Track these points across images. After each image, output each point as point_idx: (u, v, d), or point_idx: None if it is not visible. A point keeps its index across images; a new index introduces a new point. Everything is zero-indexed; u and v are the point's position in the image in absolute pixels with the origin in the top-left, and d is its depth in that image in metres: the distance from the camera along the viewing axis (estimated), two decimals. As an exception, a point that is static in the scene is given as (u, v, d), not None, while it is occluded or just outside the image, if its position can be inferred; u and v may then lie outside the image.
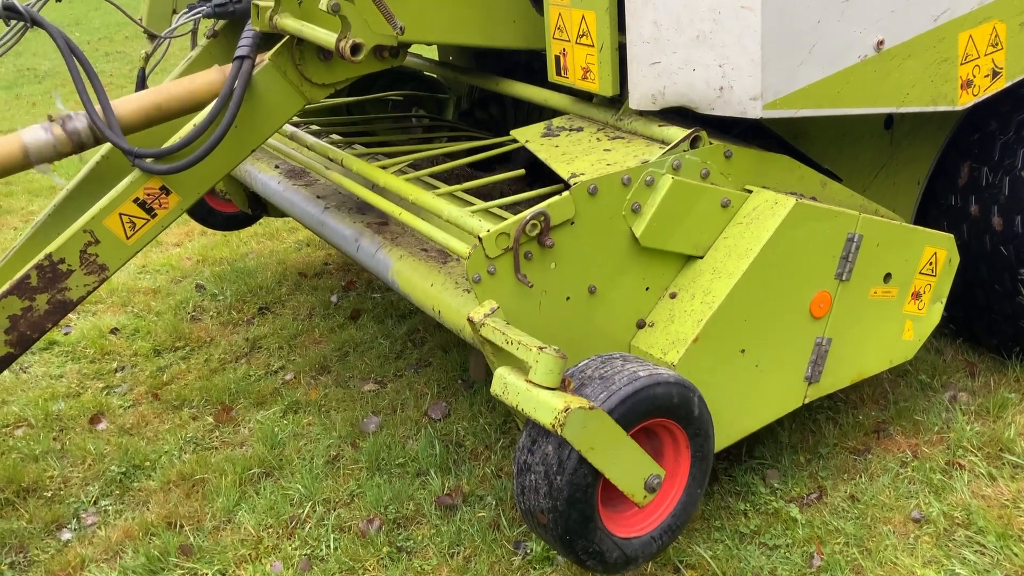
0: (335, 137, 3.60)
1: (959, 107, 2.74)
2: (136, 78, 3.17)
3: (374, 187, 2.86)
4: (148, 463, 3.08)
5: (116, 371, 3.79)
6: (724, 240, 2.44)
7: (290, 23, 2.49)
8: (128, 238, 2.74)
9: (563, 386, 2.04)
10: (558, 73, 2.72)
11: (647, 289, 2.44)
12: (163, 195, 2.74)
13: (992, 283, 3.12)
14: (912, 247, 2.68)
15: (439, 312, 2.50)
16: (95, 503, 2.91)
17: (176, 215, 2.77)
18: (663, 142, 2.44)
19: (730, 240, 2.43)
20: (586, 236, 2.31)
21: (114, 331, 4.12)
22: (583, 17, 2.55)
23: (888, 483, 2.73)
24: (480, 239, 2.18)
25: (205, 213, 4.58)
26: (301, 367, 3.66)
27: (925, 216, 3.31)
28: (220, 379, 3.61)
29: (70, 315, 4.23)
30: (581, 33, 2.57)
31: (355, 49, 2.32)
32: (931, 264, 2.74)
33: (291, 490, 2.85)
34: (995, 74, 2.79)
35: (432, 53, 4.31)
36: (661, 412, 2.16)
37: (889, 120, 3.14)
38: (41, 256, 2.66)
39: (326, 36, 2.37)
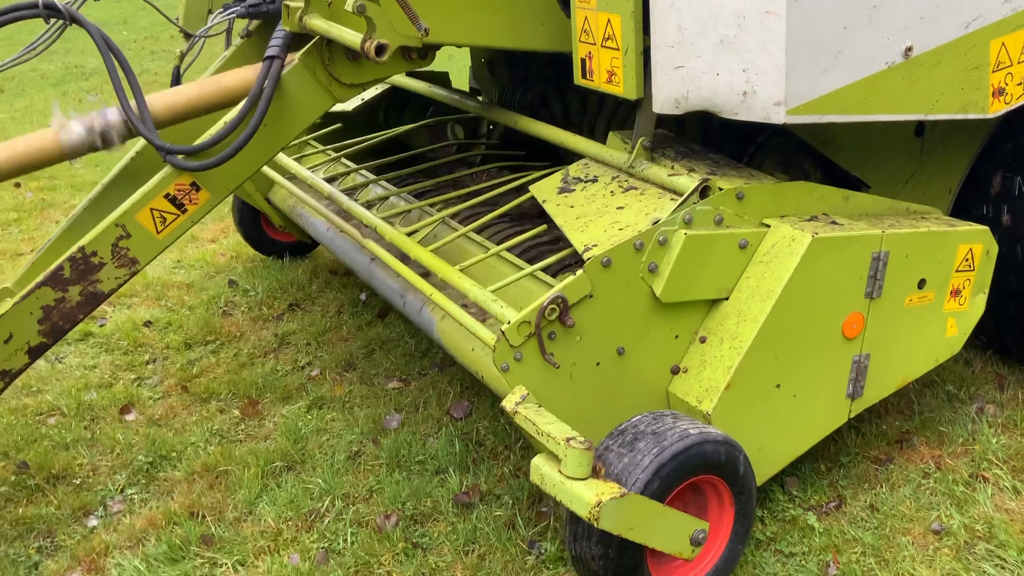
0: (367, 174, 3.67)
1: (990, 115, 2.70)
2: (171, 75, 3.23)
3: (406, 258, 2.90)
4: (174, 454, 3.14)
5: (148, 363, 3.87)
6: (747, 280, 2.44)
7: (319, 23, 2.53)
8: (159, 233, 2.80)
9: (595, 472, 2.06)
10: (584, 76, 2.73)
11: (676, 337, 2.46)
12: (193, 191, 2.79)
13: (1022, 294, 3.08)
14: (945, 249, 2.65)
15: (482, 377, 2.60)
16: (122, 491, 2.97)
17: (206, 211, 2.82)
18: (675, 193, 2.45)
19: (752, 280, 2.43)
20: (606, 305, 2.33)
21: (147, 324, 4.20)
22: (608, 20, 2.56)
23: (909, 494, 2.71)
24: (503, 331, 2.21)
25: (267, 244, 4.72)
26: (327, 363, 3.71)
27: (956, 225, 3.27)
28: (248, 373, 3.67)
29: (105, 307, 4.34)
30: (607, 36, 2.58)
31: (380, 50, 2.35)
32: (968, 260, 2.71)
33: (312, 484, 2.89)
34: (1028, 82, 2.75)
35: (463, 73, 4.34)
36: (701, 471, 2.19)
37: (920, 127, 3.12)
38: (74, 249, 2.72)
39: (352, 36, 2.40)
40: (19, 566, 2.63)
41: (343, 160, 3.89)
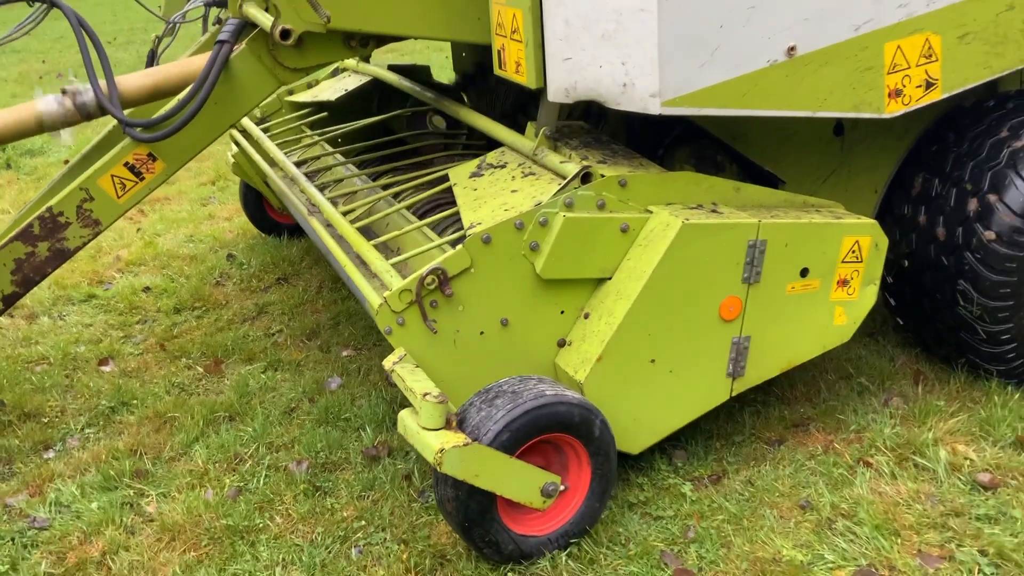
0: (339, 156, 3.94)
1: (887, 115, 2.81)
2: (146, 58, 3.55)
3: (337, 235, 3.13)
4: (135, 401, 3.45)
5: (137, 323, 4.21)
6: (627, 261, 2.61)
7: (251, 11, 2.80)
8: (119, 197, 3.10)
9: (448, 425, 2.27)
10: (500, 67, 2.94)
11: (562, 312, 2.64)
12: (150, 161, 3.09)
13: (935, 293, 3.17)
14: (828, 240, 2.77)
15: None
16: (82, 431, 3.29)
17: (162, 180, 3.12)
18: (562, 178, 2.64)
19: (631, 261, 2.60)
20: (487, 279, 2.53)
21: (146, 290, 4.55)
22: (514, 15, 2.76)
23: (789, 473, 2.84)
24: (385, 298, 2.43)
25: (269, 224, 5.06)
26: (294, 331, 3.99)
27: (881, 223, 3.37)
28: (221, 337, 3.97)
29: (113, 272, 4.71)
30: (513, 29, 2.79)
31: (284, 34, 2.61)
32: (854, 252, 2.82)
33: (244, 433, 3.16)
34: (929, 85, 2.85)
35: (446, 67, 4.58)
36: (553, 429, 2.38)
37: (840, 127, 3.23)
38: (43, 209, 3.04)
39: (266, 21, 2.66)
40: (-24, 486, 2.97)
41: (322, 144, 4.17)
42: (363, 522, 2.67)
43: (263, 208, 5.06)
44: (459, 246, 2.51)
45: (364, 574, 2.47)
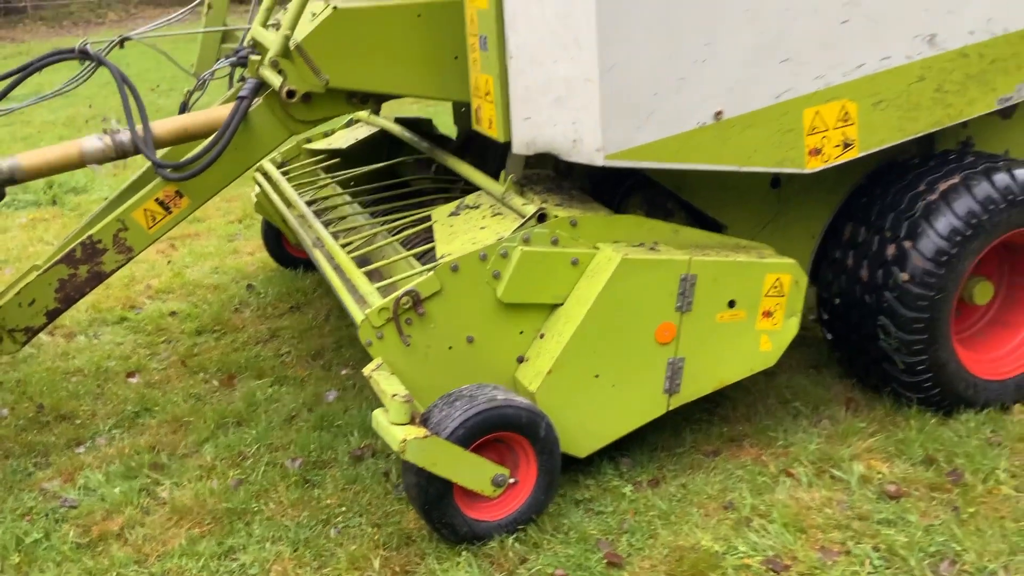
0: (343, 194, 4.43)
1: (807, 170, 3.25)
2: (179, 108, 4.07)
3: (335, 264, 3.60)
4: (156, 407, 3.92)
5: (162, 343, 4.70)
6: (576, 290, 3.06)
7: (265, 72, 3.31)
8: (150, 228, 3.60)
9: (412, 421, 2.72)
10: (477, 123, 3.42)
11: (521, 333, 3.08)
12: (178, 197, 3.59)
13: (861, 328, 3.57)
14: (752, 277, 3.19)
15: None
16: (109, 431, 3.76)
17: (187, 214, 3.61)
18: (523, 217, 3.09)
19: (579, 290, 3.04)
20: (455, 301, 2.98)
21: (172, 314, 5.05)
22: (487, 80, 3.25)
23: (719, 479, 3.24)
24: (366, 315, 2.90)
25: (287, 259, 5.57)
26: (301, 352, 4.45)
27: (819, 266, 3.79)
28: (236, 356, 4.45)
29: (143, 299, 5.22)
30: (486, 92, 3.28)
31: (290, 94, 3.11)
32: (777, 287, 3.24)
33: (248, 435, 3.62)
34: (847, 145, 3.29)
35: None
36: (503, 428, 2.81)
37: (776, 180, 3.67)
38: (84, 236, 3.55)
39: (277, 82, 3.16)
40: (18, 473, 3.44)
41: (333, 186, 4.67)
42: (343, 508, 3.11)
43: (281, 244, 5.57)
44: (430, 272, 2.97)
45: (340, 548, 2.91)
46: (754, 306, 3.22)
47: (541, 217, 3.07)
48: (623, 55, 2.88)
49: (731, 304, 3.18)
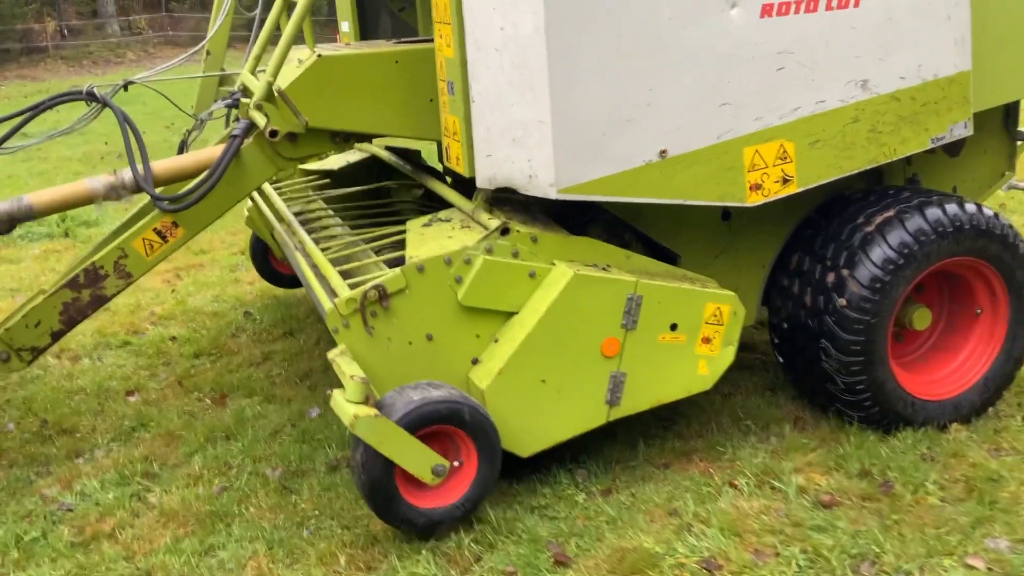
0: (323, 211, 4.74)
1: (749, 204, 3.52)
2: (178, 147, 4.40)
3: (312, 263, 3.91)
4: (152, 423, 4.21)
5: (162, 365, 4.99)
6: (531, 300, 3.34)
7: (254, 114, 3.63)
8: (147, 256, 3.90)
9: (366, 402, 2.98)
10: (446, 160, 3.72)
11: (477, 336, 3.35)
12: (174, 227, 3.89)
13: (805, 350, 3.83)
14: (693, 304, 3.46)
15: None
16: (107, 444, 4.04)
17: (182, 242, 3.91)
18: (487, 230, 3.38)
19: (534, 300, 3.32)
20: (419, 300, 3.26)
21: (173, 339, 5.35)
22: (454, 121, 3.56)
23: (668, 490, 3.48)
24: (335, 303, 3.18)
25: (273, 274, 5.86)
26: (291, 374, 4.74)
27: (768, 294, 4.06)
28: (230, 377, 4.73)
29: (147, 325, 5.52)
30: (454, 132, 3.58)
31: (273, 134, 3.43)
32: (716, 316, 3.51)
33: (235, 448, 3.89)
34: (786, 181, 3.56)
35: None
36: (447, 421, 3.07)
37: (727, 213, 3.95)
38: (87, 263, 3.86)
39: (263, 123, 3.48)
40: (20, 481, 3.72)
41: (320, 201, 4.96)
42: (317, 512, 3.37)
43: (268, 259, 5.83)
44: (398, 269, 3.24)
45: (311, 547, 3.17)
46: (694, 331, 3.48)
47: (504, 231, 3.35)
48: (573, 100, 3.18)
49: (673, 327, 3.45)
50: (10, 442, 4.06)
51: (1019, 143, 4.79)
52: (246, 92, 4.10)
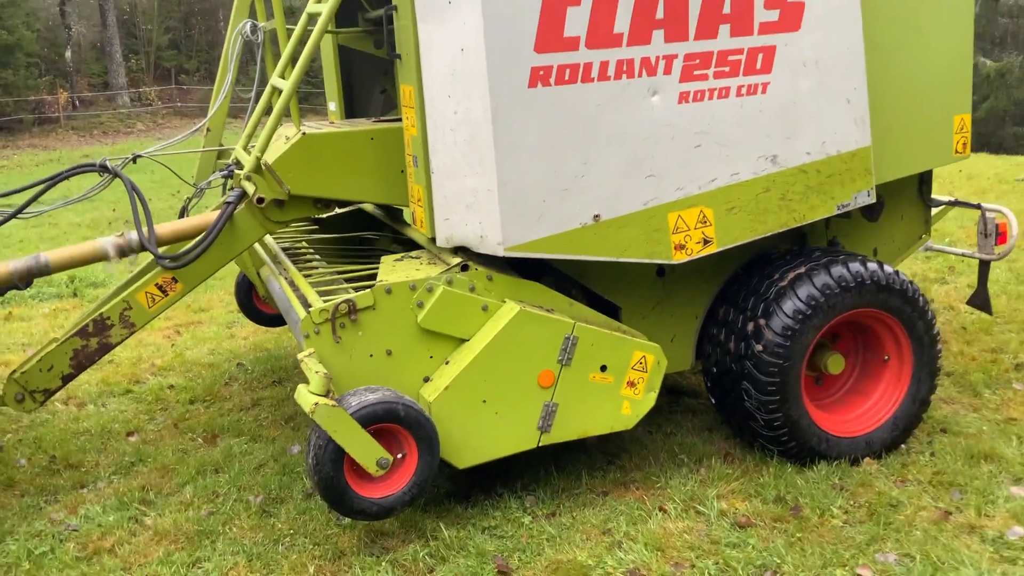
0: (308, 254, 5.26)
1: (674, 262, 4.04)
2: (179, 211, 4.94)
3: (294, 286, 4.43)
4: (150, 459, 4.67)
5: (160, 410, 5.47)
6: (481, 330, 3.84)
7: (245, 183, 4.17)
8: (149, 308, 4.41)
9: (327, 395, 3.47)
10: (412, 223, 4.25)
11: (431, 357, 3.85)
12: (173, 282, 4.41)
13: (731, 392, 4.31)
14: (622, 350, 3.96)
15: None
16: (108, 477, 4.50)
17: (180, 296, 4.42)
18: (449, 265, 3.90)
19: (483, 330, 3.83)
20: (383, 318, 3.76)
21: (171, 387, 5.83)
22: (418, 189, 4.10)
23: (605, 513, 3.93)
24: (309, 312, 3.69)
25: (255, 313, 6.34)
26: (277, 417, 5.21)
27: (701, 342, 4.55)
28: (221, 420, 5.21)
29: (147, 375, 6.00)
30: (418, 198, 4.12)
31: (259, 200, 3.97)
32: (641, 363, 4.00)
33: (223, 479, 4.35)
34: (706, 242, 4.08)
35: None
36: (388, 420, 3.53)
37: (661, 270, 4.47)
38: (95, 313, 4.37)
39: (251, 191, 4.02)
40: (31, 507, 4.18)
41: (305, 242, 5.47)
42: (292, 531, 3.82)
43: (252, 299, 6.30)
44: (368, 289, 3.73)
45: (284, 560, 3.62)
46: (621, 374, 3.97)
47: (464, 267, 3.86)
48: (516, 172, 3.71)
49: (603, 368, 3.93)
50: (22, 475, 4.52)
51: (934, 209, 5.35)
52: (239, 164, 4.66)
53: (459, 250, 4.02)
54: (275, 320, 6.35)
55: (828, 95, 4.16)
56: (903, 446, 4.47)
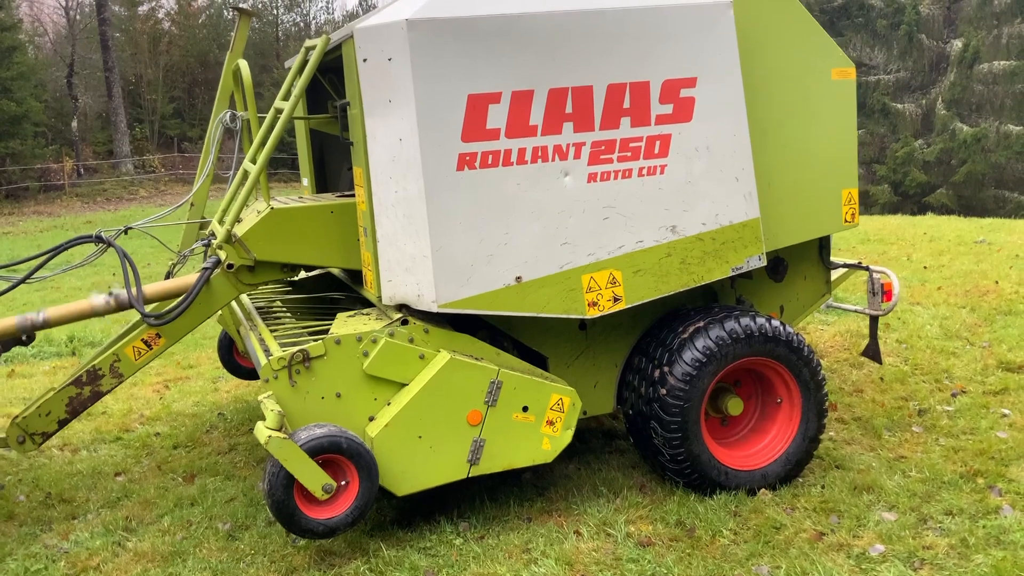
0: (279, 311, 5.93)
1: (588, 317, 4.69)
2: (165, 274, 5.61)
3: (262, 340, 5.09)
4: (134, 495, 5.27)
5: (145, 455, 6.08)
6: (418, 375, 4.48)
7: (219, 251, 4.86)
8: (136, 360, 5.06)
9: (280, 430, 4.09)
10: (364, 284, 4.93)
11: (375, 399, 4.48)
12: (157, 338, 5.07)
13: (643, 431, 4.93)
14: (541, 392, 4.59)
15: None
16: (97, 509, 5.10)
17: (164, 349, 5.07)
18: (391, 320, 4.56)
19: (420, 376, 4.47)
20: (333, 365, 4.40)
21: (157, 435, 6.45)
22: (368, 255, 4.78)
23: (527, 535, 4.52)
24: (269, 359, 4.33)
25: (235, 367, 6.98)
26: (250, 459, 5.82)
27: (620, 388, 5.18)
28: (200, 462, 5.81)
29: (136, 424, 6.61)
30: (368, 263, 4.80)
31: (230, 266, 4.64)
32: (559, 404, 4.63)
33: (197, 511, 4.95)
34: (616, 299, 4.74)
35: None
36: (332, 451, 4.14)
37: (583, 324, 5.12)
38: (89, 365, 5.01)
39: (223, 257, 4.70)
40: (28, 535, 4.77)
41: (278, 302, 6.13)
42: (253, 552, 4.42)
43: (232, 353, 6.93)
44: (319, 340, 4.37)
45: (245, 574, 4.20)
46: (541, 414, 4.60)
47: (404, 322, 4.51)
48: (447, 240, 4.39)
49: (525, 408, 4.56)
50: (21, 508, 5.11)
51: (833, 271, 6.02)
52: (214, 235, 5.35)
53: (401, 307, 4.68)
54: (254, 374, 6.96)
55: (719, 174, 4.85)
56: (799, 479, 5.06)
